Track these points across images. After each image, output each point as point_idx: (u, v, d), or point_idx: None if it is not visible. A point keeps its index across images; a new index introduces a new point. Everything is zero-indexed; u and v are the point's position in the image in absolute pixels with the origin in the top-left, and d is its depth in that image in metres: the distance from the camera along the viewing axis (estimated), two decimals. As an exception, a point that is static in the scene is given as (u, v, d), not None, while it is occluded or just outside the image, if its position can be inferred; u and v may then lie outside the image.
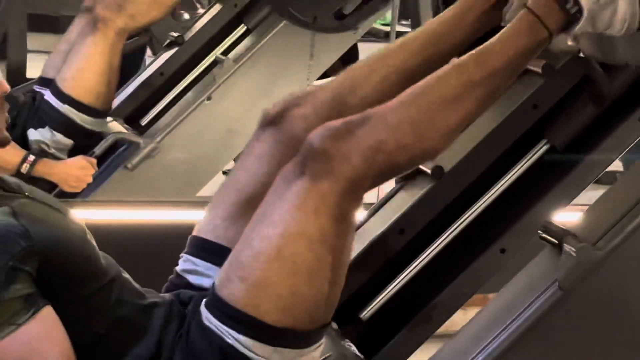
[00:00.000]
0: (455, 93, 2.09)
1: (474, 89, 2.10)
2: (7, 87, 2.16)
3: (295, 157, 2.04)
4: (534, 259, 2.25)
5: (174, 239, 3.26)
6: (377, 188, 3.48)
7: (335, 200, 1.99)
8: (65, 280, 2.05)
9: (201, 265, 2.25)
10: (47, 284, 2.00)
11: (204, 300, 2.08)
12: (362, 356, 2.34)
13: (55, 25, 6.01)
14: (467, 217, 2.56)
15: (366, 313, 2.53)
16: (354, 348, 2.34)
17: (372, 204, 2.83)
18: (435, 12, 2.83)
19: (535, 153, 2.60)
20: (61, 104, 3.74)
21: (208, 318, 2.05)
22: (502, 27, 2.26)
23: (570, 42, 2.22)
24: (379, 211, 2.72)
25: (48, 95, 3.77)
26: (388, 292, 2.54)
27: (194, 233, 2.31)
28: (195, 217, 3.59)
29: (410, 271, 2.54)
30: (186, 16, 4.87)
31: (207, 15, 4.39)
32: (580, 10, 2.11)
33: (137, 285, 2.20)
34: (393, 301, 2.55)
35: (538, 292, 2.08)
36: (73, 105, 3.75)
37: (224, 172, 4.57)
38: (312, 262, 2.01)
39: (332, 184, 1.99)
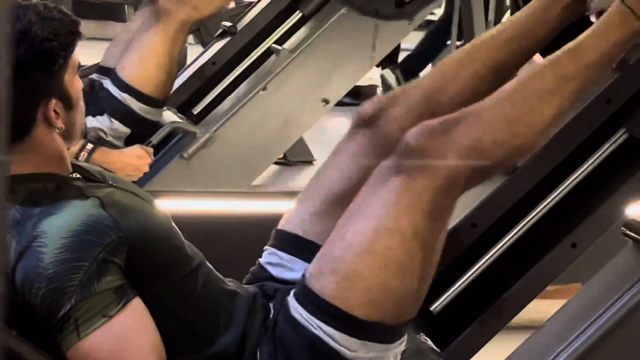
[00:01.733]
0: (549, 88, 2.09)
1: (568, 83, 2.10)
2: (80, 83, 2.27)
3: (392, 156, 2.06)
4: (618, 255, 2.25)
5: (229, 229, 3.24)
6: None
7: (429, 197, 2.01)
8: (154, 268, 2.10)
9: (286, 258, 2.28)
10: (136, 274, 2.05)
11: (293, 291, 2.10)
12: (438, 350, 2.35)
13: (99, 12, 6.01)
14: (539, 212, 2.56)
15: (437, 306, 2.53)
16: (430, 342, 2.37)
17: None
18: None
19: (612, 144, 2.56)
20: (121, 92, 3.75)
21: (297, 309, 2.08)
22: (586, 17, 2.26)
23: None
24: None
25: (108, 84, 3.78)
26: (459, 286, 2.56)
27: (280, 227, 2.34)
28: (249, 207, 3.63)
29: (482, 265, 2.56)
30: (232, 4, 4.81)
31: (260, 3, 4.29)
32: None
33: (218, 274, 2.25)
34: (464, 294, 2.57)
35: (624, 289, 2.09)
36: (132, 94, 3.77)
37: (276, 163, 4.63)
38: (403, 257, 2.03)
39: (427, 181, 2.01)
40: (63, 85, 2.17)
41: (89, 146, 3.50)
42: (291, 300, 2.10)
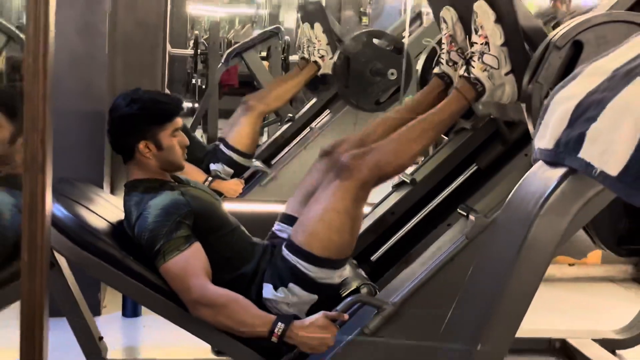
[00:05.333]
0: (417, 135, 2.28)
1: (425, 133, 2.29)
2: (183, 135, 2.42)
3: (335, 170, 2.26)
4: (454, 224, 2.37)
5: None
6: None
7: (353, 191, 2.20)
8: (209, 228, 2.29)
9: (285, 227, 2.46)
10: (199, 230, 2.24)
11: (284, 243, 2.30)
12: (366, 276, 2.45)
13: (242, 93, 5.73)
14: (430, 206, 2.68)
15: (374, 257, 2.70)
16: (363, 273, 2.50)
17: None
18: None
19: (469, 172, 2.67)
20: (228, 150, 4.12)
21: (285, 251, 2.26)
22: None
23: (480, 107, 2.40)
24: (382, 203, 2.84)
25: (222, 146, 4.14)
26: (387, 246, 2.70)
27: (284, 211, 2.52)
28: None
29: (399, 234, 2.70)
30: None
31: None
32: (484, 89, 2.25)
33: (247, 233, 2.43)
34: (389, 250, 2.70)
35: (454, 242, 2.22)
36: (233, 151, 4.12)
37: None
38: (339, 223, 2.20)
39: (352, 183, 2.20)
40: (156, 135, 2.32)
41: (210, 178, 3.83)
42: (283, 247, 2.28)
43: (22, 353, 1.13)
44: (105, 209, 2.44)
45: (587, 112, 1.04)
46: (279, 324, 2.11)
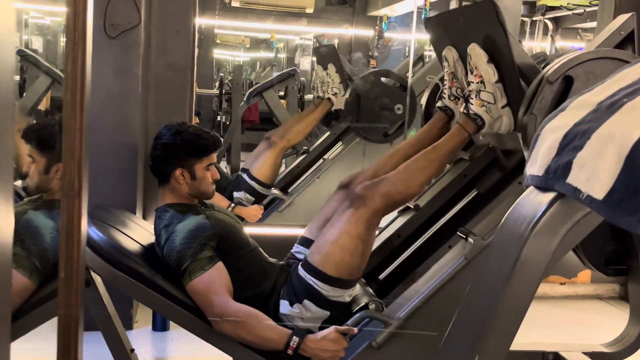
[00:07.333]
0: (423, 166, 2.29)
1: (432, 163, 2.30)
2: (217, 174, 2.44)
3: (350, 199, 2.29)
4: (454, 246, 2.37)
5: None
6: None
7: (366, 218, 2.21)
8: (230, 248, 2.29)
9: (303, 250, 2.46)
10: (222, 251, 2.25)
11: (300, 263, 2.30)
12: (374, 293, 2.44)
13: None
14: (432, 229, 2.67)
15: (382, 276, 2.68)
16: (371, 290, 2.49)
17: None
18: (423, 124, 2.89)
19: (468, 197, 2.65)
20: (250, 180, 4.13)
21: (301, 271, 2.25)
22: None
23: (480, 138, 2.42)
24: (388, 227, 2.84)
25: (245, 177, 4.16)
26: (393, 266, 2.67)
27: (303, 234, 2.53)
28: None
29: (404, 255, 2.67)
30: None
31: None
32: (483, 123, 2.28)
33: (265, 254, 2.43)
34: (395, 270, 2.67)
35: (454, 262, 2.21)
36: (255, 182, 4.13)
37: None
38: (352, 247, 2.20)
39: (364, 210, 2.22)
40: (192, 166, 2.34)
41: (232, 205, 3.84)
42: (299, 266, 2.28)
43: (58, 364, 1.14)
44: (137, 232, 2.43)
45: (573, 141, 1.04)
46: (294, 337, 2.12)
